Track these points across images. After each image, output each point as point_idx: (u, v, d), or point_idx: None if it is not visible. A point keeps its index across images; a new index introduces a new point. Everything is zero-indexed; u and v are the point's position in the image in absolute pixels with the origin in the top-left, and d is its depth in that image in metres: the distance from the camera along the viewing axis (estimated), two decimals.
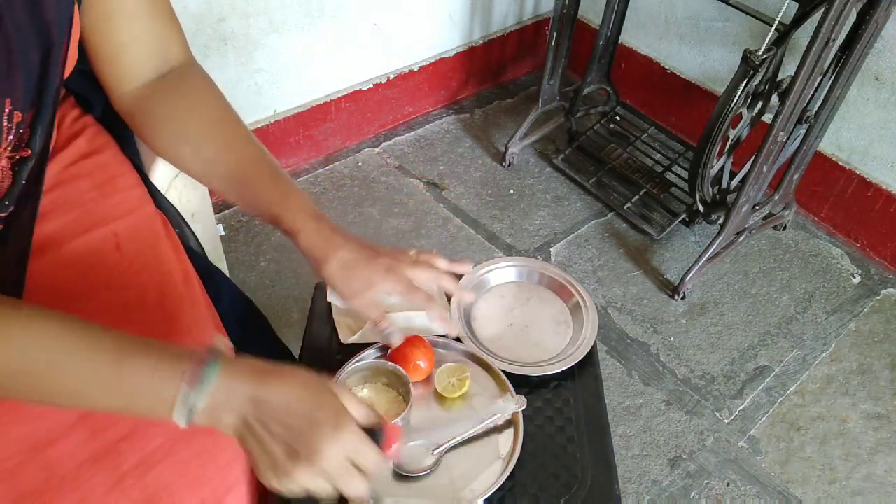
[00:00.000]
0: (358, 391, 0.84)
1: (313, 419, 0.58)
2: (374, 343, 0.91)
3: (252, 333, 0.99)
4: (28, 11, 0.58)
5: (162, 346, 0.59)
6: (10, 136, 0.61)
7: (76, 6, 0.64)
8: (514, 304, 1.00)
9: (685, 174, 1.83)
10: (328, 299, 0.96)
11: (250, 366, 0.60)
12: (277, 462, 0.58)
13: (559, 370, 0.91)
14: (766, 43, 1.35)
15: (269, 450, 0.58)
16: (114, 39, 0.71)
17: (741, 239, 1.74)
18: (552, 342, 0.96)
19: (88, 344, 0.56)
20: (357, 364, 0.85)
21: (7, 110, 0.60)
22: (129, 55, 0.73)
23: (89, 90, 0.80)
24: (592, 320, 0.97)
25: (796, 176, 1.71)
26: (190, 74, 0.78)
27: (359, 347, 0.90)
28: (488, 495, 0.78)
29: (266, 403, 0.58)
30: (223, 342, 0.61)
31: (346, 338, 0.92)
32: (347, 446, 0.59)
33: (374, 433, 0.68)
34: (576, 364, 0.92)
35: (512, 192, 1.93)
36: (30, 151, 0.65)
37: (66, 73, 0.66)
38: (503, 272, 1.04)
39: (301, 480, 0.59)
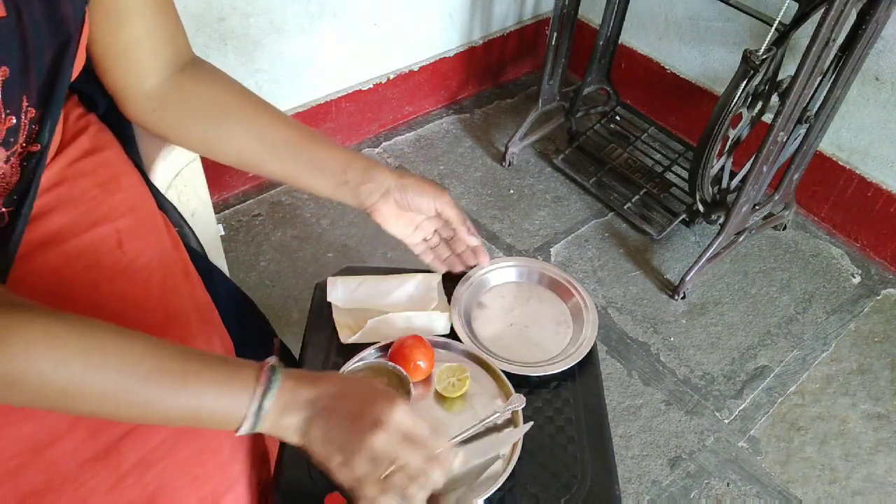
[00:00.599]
0: None
1: (369, 396, 0.63)
2: (374, 343, 0.91)
3: (252, 333, 0.99)
4: (44, 8, 0.59)
5: (225, 357, 0.63)
6: (25, 133, 0.62)
7: (86, 4, 0.65)
8: (514, 304, 1.00)
9: (685, 174, 1.83)
10: (328, 299, 0.96)
11: (304, 373, 0.64)
12: (344, 445, 0.61)
13: (559, 370, 0.90)
14: (766, 43, 1.35)
15: (332, 436, 0.61)
16: (125, 36, 0.71)
17: (741, 239, 1.74)
18: (552, 342, 0.96)
19: (154, 362, 0.58)
20: (357, 364, 0.85)
21: (24, 106, 0.61)
22: (142, 51, 0.73)
23: (93, 88, 0.81)
24: (592, 320, 0.97)
25: (796, 176, 1.71)
26: (208, 65, 0.80)
27: (359, 347, 0.90)
28: (488, 495, 0.78)
29: (322, 398, 0.62)
30: (274, 359, 0.65)
31: (346, 338, 0.92)
32: (404, 418, 0.62)
33: None
34: (576, 364, 0.92)
35: (512, 192, 1.93)
36: (39, 146, 0.65)
37: (76, 72, 0.67)
38: (503, 272, 1.04)
39: (367, 460, 0.61)
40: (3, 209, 0.65)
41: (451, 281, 1.00)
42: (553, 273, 1.03)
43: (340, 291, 0.97)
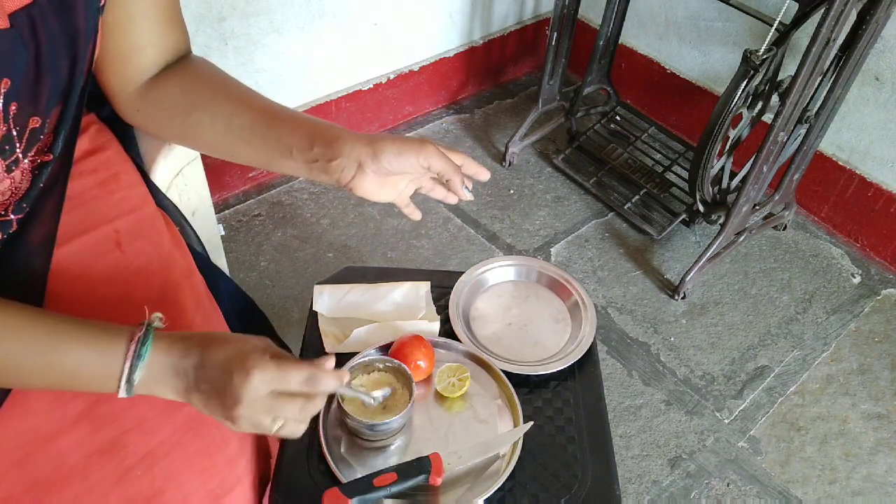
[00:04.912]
0: (362, 380, 0.84)
1: (223, 370, 0.60)
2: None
3: (253, 331, 0.99)
4: (59, 20, 0.59)
5: (97, 323, 0.62)
6: (24, 143, 0.62)
7: (100, 15, 0.65)
8: (512, 304, 1.00)
9: (685, 174, 1.83)
10: (314, 308, 0.95)
11: (180, 338, 0.62)
12: (223, 416, 0.61)
13: (559, 368, 0.91)
14: (766, 43, 1.35)
15: (211, 407, 0.61)
16: (130, 42, 0.71)
17: (741, 239, 1.74)
18: (551, 341, 0.96)
19: (21, 325, 0.58)
20: (359, 361, 0.85)
21: (26, 116, 0.60)
22: (142, 57, 0.73)
23: (99, 88, 0.81)
24: (591, 318, 0.97)
25: (796, 176, 1.71)
26: (190, 57, 0.79)
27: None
28: (488, 495, 0.78)
29: (189, 370, 0.61)
30: (157, 316, 0.63)
31: (332, 347, 0.91)
32: (262, 386, 0.60)
33: (423, 464, 0.75)
34: (576, 363, 0.92)
35: (512, 192, 1.93)
36: (51, 156, 0.65)
37: (84, 82, 0.67)
38: (501, 271, 1.04)
39: (248, 425, 0.61)
40: (13, 216, 0.65)
41: (443, 287, 1.00)
42: (551, 272, 1.03)
43: (327, 300, 0.96)
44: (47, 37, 0.58)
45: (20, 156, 0.62)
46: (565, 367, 0.91)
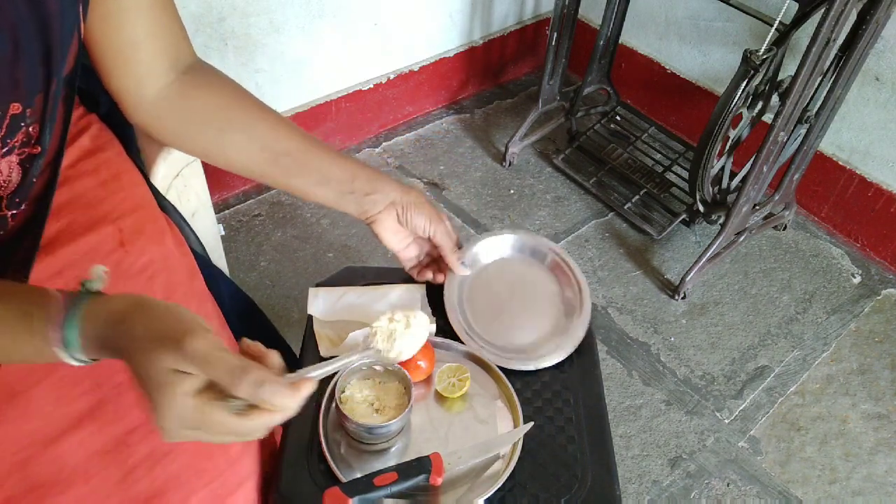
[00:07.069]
0: (360, 388, 0.84)
1: (141, 384, 0.52)
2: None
3: (254, 332, 0.99)
4: (28, 6, 0.58)
5: (22, 290, 0.57)
6: (6, 125, 0.61)
7: (80, 5, 0.64)
8: (506, 285, 0.98)
9: (685, 174, 1.83)
10: (309, 311, 0.95)
11: (107, 312, 0.54)
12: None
13: (557, 361, 0.90)
14: (766, 43, 1.35)
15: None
16: (125, 37, 0.70)
17: (741, 239, 1.74)
18: (545, 324, 0.95)
19: None
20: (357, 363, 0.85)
21: (7, 103, 0.60)
22: (142, 53, 0.72)
23: (96, 88, 0.81)
24: (585, 292, 0.95)
25: (796, 176, 1.71)
26: (211, 69, 0.80)
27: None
28: (488, 495, 0.78)
29: (119, 353, 0.54)
30: (101, 269, 0.56)
31: (327, 350, 0.91)
32: (182, 413, 0.50)
33: (423, 464, 0.75)
34: (576, 364, 0.92)
35: (512, 192, 1.93)
36: (39, 149, 0.65)
37: (68, 70, 0.66)
38: (496, 248, 1.01)
39: (173, 438, 0.53)
40: (7, 212, 0.65)
41: (442, 286, 0.99)
42: (542, 245, 1.00)
43: (321, 303, 0.95)
44: (17, 20, 0.57)
45: (1, 142, 0.61)
46: (563, 357, 0.90)
